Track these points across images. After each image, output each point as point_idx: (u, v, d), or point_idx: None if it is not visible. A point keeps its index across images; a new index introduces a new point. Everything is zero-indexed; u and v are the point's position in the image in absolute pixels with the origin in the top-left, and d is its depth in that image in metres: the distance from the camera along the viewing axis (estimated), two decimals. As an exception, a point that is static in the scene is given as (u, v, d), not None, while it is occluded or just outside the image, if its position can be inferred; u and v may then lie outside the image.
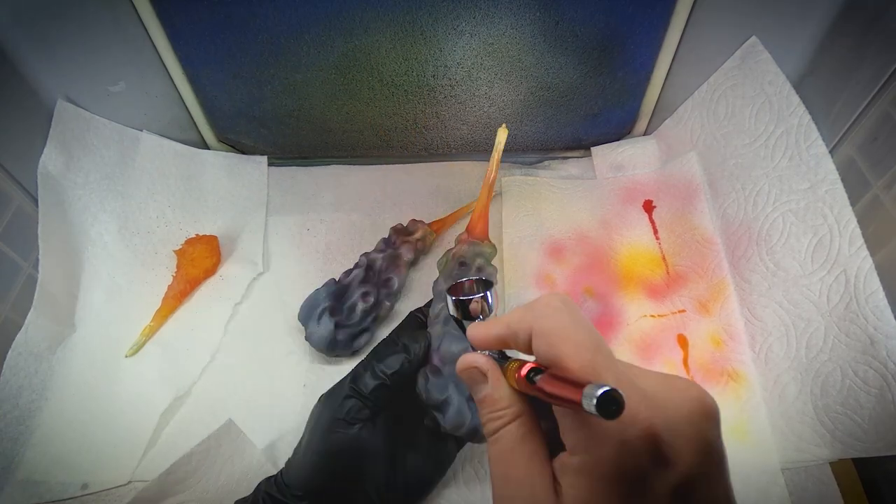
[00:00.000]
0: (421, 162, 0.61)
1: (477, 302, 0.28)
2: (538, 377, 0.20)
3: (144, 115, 0.55)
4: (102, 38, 0.49)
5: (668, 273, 0.51)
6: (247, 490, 0.38)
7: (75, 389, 0.46)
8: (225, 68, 0.52)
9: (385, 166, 0.61)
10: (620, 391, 0.16)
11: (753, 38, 0.48)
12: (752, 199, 0.48)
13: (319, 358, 0.49)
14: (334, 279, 0.50)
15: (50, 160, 0.50)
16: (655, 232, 0.54)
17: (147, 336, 0.50)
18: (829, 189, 0.43)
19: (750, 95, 0.48)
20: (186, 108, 0.56)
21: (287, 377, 0.48)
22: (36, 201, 0.49)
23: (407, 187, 0.59)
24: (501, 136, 0.47)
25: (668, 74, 0.54)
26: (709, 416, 0.19)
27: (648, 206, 0.55)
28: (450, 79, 0.53)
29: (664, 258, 0.52)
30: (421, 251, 0.53)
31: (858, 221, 0.41)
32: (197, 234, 0.54)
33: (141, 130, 0.56)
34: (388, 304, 0.50)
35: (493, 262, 0.47)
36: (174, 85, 0.54)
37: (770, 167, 0.47)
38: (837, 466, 0.41)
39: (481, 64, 0.51)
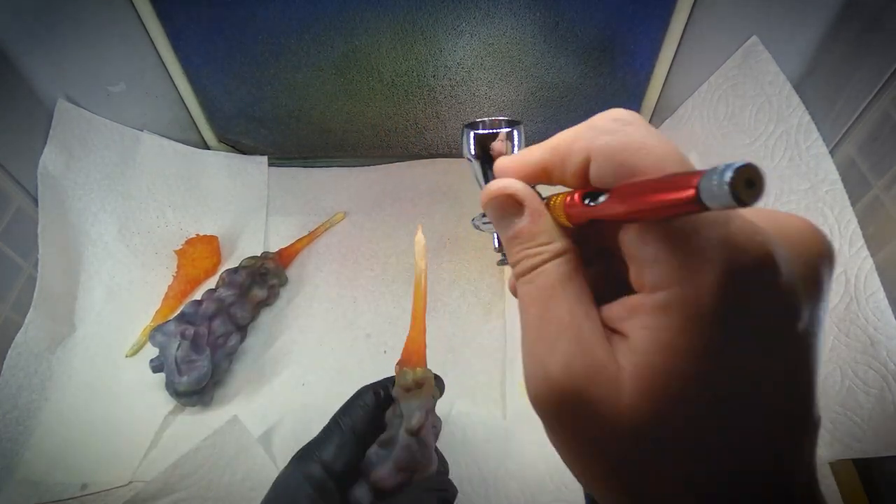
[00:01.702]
0: (420, 161, 0.61)
1: (502, 140, 0.23)
2: (600, 200, 0.16)
3: (144, 115, 0.55)
4: (102, 39, 0.49)
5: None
6: (250, 489, 0.37)
7: (75, 389, 0.46)
8: (225, 68, 0.52)
9: (385, 166, 0.61)
10: (755, 164, 0.12)
11: (754, 38, 0.48)
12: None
13: (319, 357, 0.49)
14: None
15: (50, 160, 0.50)
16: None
17: (147, 336, 0.49)
18: (830, 189, 0.42)
19: (750, 95, 0.48)
20: (186, 108, 0.56)
21: (286, 376, 0.48)
22: (36, 201, 0.49)
23: (407, 187, 0.59)
24: (419, 246, 0.37)
25: (668, 74, 0.53)
26: (826, 255, 0.15)
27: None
28: (450, 79, 0.53)
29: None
30: (274, 289, 0.51)
31: (858, 222, 0.41)
32: (197, 234, 0.54)
33: (141, 130, 0.56)
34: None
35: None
36: (174, 85, 0.54)
37: (770, 167, 0.47)
38: (838, 467, 0.41)
39: (481, 64, 0.51)
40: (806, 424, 0.15)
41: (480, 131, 0.23)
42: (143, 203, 0.55)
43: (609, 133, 0.16)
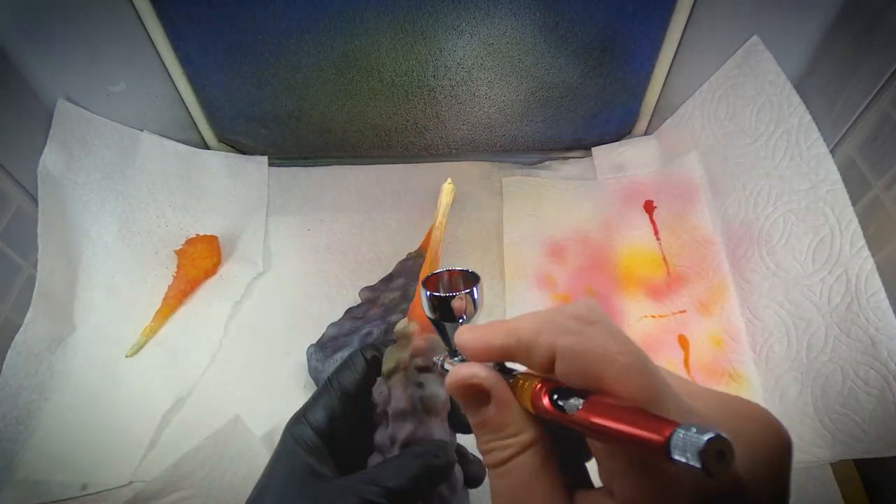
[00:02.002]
0: (421, 162, 0.61)
1: (461, 298, 0.22)
2: (571, 402, 0.16)
3: (144, 115, 0.55)
4: (102, 39, 0.49)
5: (668, 273, 0.51)
6: (251, 489, 0.37)
7: (75, 389, 0.46)
8: (225, 68, 0.51)
9: (385, 166, 0.60)
10: (727, 437, 0.12)
11: (755, 38, 0.48)
12: (752, 199, 0.48)
13: (319, 358, 0.49)
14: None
15: (50, 160, 0.50)
16: (656, 232, 0.53)
17: (147, 336, 0.49)
18: (830, 189, 0.42)
19: (751, 95, 0.48)
20: (186, 108, 0.56)
21: (287, 377, 0.48)
22: (36, 201, 0.49)
23: (407, 187, 0.59)
24: (448, 195, 0.37)
25: (668, 74, 0.53)
26: (788, 452, 0.15)
27: (649, 207, 0.55)
28: (450, 79, 0.53)
29: (665, 259, 0.52)
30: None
31: (859, 222, 0.41)
32: (197, 234, 0.54)
33: (141, 130, 0.56)
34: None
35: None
36: (174, 85, 0.54)
37: (771, 167, 0.47)
38: (838, 467, 0.41)
39: (481, 64, 0.51)
40: None
41: (439, 294, 0.22)
42: (143, 203, 0.55)
43: (571, 334, 0.16)
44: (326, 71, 0.51)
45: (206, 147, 0.60)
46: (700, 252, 0.50)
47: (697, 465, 0.12)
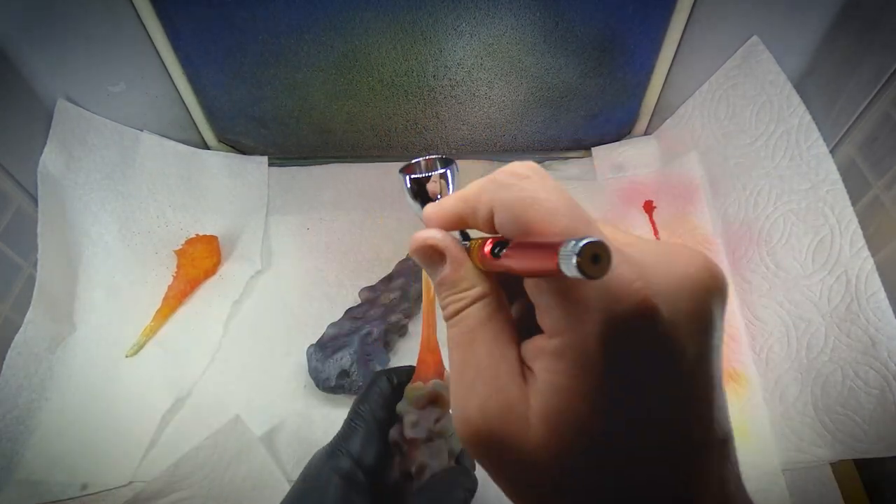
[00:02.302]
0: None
1: (435, 181, 0.24)
2: (504, 251, 0.17)
3: (144, 115, 0.55)
4: (102, 39, 0.48)
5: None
6: (252, 488, 0.37)
7: (75, 389, 0.46)
8: (225, 68, 0.51)
9: (385, 164, 0.60)
10: (600, 240, 0.13)
11: (755, 38, 0.48)
12: (752, 199, 0.48)
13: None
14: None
15: (50, 160, 0.50)
16: (656, 232, 0.53)
17: (147, 336, 0.49)
18: (830, 189, 0.42)
19: (751, 95, 0.48)
20: (186, 108, 0.56)
21: (287, 377, 0.48)
22: (36, 201, 0.49)
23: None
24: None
25: (668, 74, 0.53)
26: (716, 289, 0.16)
27: (649, 207, 0.55)
28: (450, 79, 0.53)
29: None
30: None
31: (859, 222, 0.41)
32: (197, 234, 0.53)
33: (141, 130, 0.56)
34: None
35: None
36: (174, 85, 0.53)
37: (771, 167, 0.47)
38: (838, 467, 0.41)
39: (481, 64, 0.51)
40: (709, 443, 0.16)
41: (415, 175, 0.24)
42: (144, 203, 0.55)
43: (506, 188, 0.17)
44: (326, 71, 0.51)
45: (206, 147, 0.60)
46: (700, 252, 0.50)
47: (577, 272, 0.13)
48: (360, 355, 0.44)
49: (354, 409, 0.34)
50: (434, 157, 0.25)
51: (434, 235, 0.19)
